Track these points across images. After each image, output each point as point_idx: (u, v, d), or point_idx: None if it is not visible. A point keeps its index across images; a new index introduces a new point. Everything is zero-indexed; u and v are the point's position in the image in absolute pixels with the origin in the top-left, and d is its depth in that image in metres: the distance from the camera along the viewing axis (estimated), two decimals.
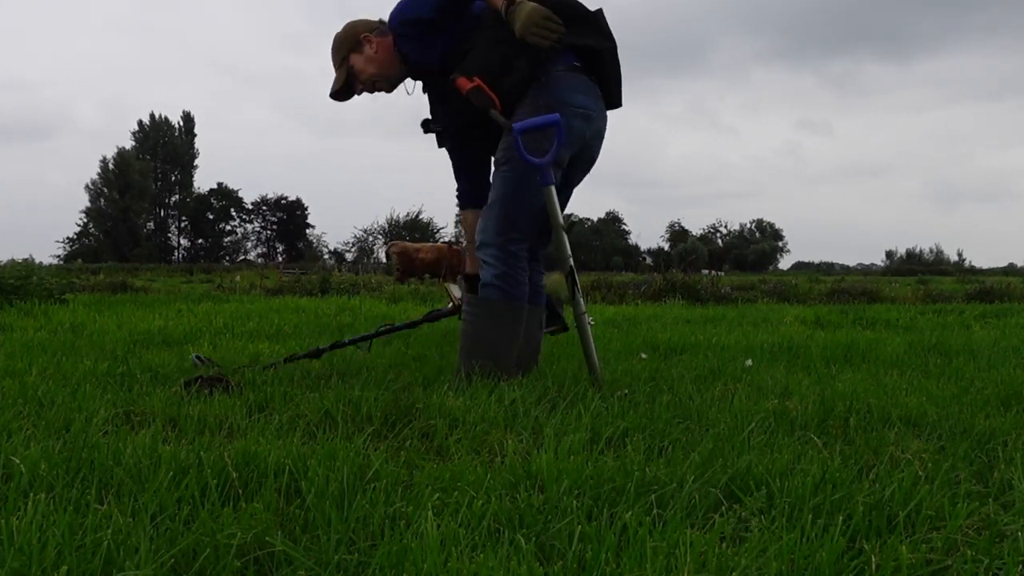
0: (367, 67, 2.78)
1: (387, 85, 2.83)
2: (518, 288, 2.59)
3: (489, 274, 2.58)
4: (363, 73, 2.79)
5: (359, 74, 2.79)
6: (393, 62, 2.77)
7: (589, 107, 2.64)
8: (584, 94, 2.63)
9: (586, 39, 2.63)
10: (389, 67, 2.78)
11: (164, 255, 72.23)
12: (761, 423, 1.92)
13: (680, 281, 9.07)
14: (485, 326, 2.57)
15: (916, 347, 3.75)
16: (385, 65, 2.78)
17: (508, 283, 2.57)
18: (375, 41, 2.77)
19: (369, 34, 2.78)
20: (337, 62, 2.81)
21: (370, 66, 2.77)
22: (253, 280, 12.41)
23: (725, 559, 1.10)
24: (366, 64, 2.78)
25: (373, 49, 2.77)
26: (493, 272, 2.57)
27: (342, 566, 1.10)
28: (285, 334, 4.17)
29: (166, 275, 24.85)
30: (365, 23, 2.82)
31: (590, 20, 2.68)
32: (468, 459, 1.61)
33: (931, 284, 15.21)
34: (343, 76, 2.80)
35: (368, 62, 2.77)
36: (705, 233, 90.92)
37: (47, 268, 15.61)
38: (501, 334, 2.56)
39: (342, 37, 2.81)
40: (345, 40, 2.80)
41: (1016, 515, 1.30)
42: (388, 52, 2.77)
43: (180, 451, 1.55)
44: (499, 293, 2.56)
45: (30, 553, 1.05)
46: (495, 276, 2.57)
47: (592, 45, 2.64)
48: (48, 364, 2.74)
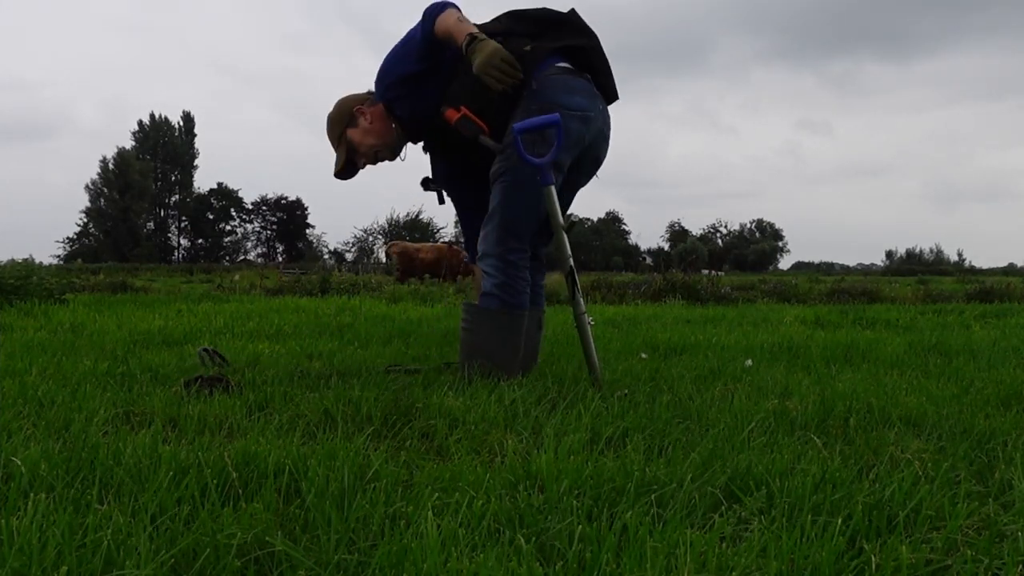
0: (366, 139, 2.77)
1: (389, 153, 2.82)
2: (518, 297, 2.59)
3: (489, 284, 2.59)
4: (362, 146, 2.77)
5: (358, 147, 2.78)
6: (390, 128, 2.76)
7: (586, 108, 2.62)
8: (580, 95, 2.61)
9: (565, 39, 2.63)
10: (387, 134, 2.77)
11: (164, 255, 72.26)
12: (761, 423, 1.92)
13: (680, 281, 9.07)
14: (486, 335, 2.57)
15: (916, 347, 3.75)
16: (383, 133, 2.76)
17: (508, 292, 2.57)
18: (368, 112, 2.76)
19: (361, 106, 2.77)
20: (335, 141, 2.80)
21: (368, 137, 2.76)
22: (253, 280, 12.41)
23: (725, 559, 1.10)
24: (364, 136, 2.76)
25: (368, 120, 2.76)
26: (493, 282, 2.58)
27: (342, 566, 1.10)
28: (285, 334, 4.17)
29: (166, 275, 24.87)
30: (355, 97, 2.81)
31: (566, 22, 2.68)
32: (468, 459, 1.61)
33: (931, 284, 15.20)
34: (344, 153, 2.79)
35: (366, 134, 2.76)
36: (705, 233, 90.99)
37: (47, 268, 15.62)
38: (502, 343, 2.56)
39: (335, 115, 2.80)
40: (339, 117, 2.79)
41: (1016, 515, 1.30)
42: (383, 120, 2.76)
43: (180, 451, 1.55)
44: (499, 303, 2.57)
45: (30, 553, 1.05)
46: (495, 286, 2.58)
47: (574, 43, 2.63)
48: (48, 364, 2.74)
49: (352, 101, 2.79)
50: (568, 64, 2.64)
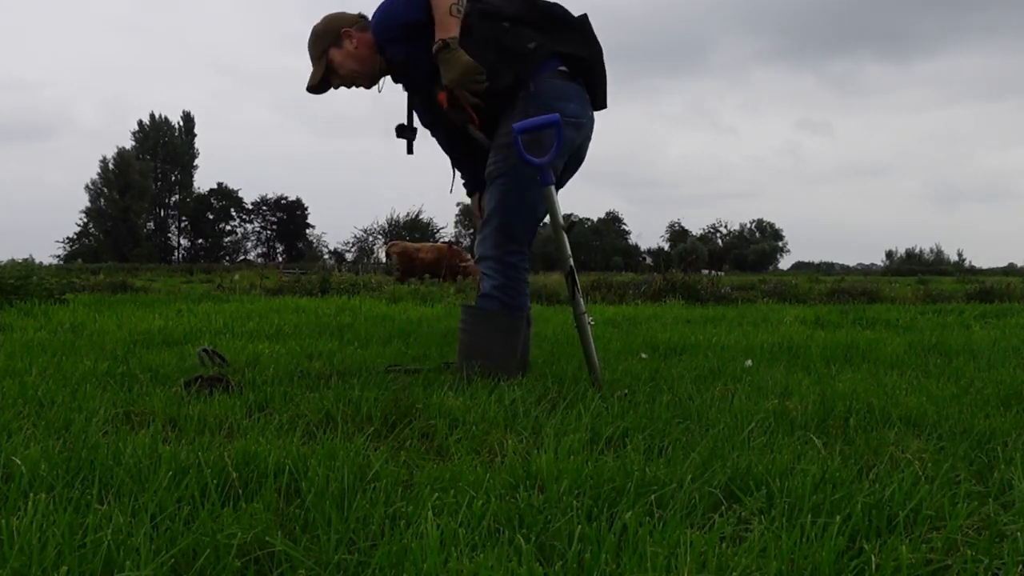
0: (347, 63, 2.73)
1: (367, 82, 2.78)
2: (517, 299, 2.59)
3: (488, 285, 2.59)
4: (342, 68, 2.74)
5: (338, 69, 2.75)
6: (374, 58, 2.72)
7: (579, 115, 2.64)
8: (574, 101, 2.63)
9: (571, 46, 2.62)
10: (370, 63, 2.73)
11: (164, 255, 72.26)
12: (761, 423, 1.92)
13: (680, 281, 9.07)
14: (484, 336, 2.57)
15: (916, 347, 3.75)
16: (366, 62, 2.73)
17: (507, 294, 2.58)
18: (356, 36, 2.72)
19: (350, 29, 2.73)
20: (316, 55, 2.75)
21: (350, 62, 2.73)
22: (253, 280, 12.41)
23: (725, 559, 1.10)
24: (345, 59, 2.73)
25: (353, 45, 2.72)
26: (492, 283, 2.58)
27: (342, 566, 1.10)
28: (285, 334, 4.17)
29: (166, 275, 24.86)
30: (345, 17, 2.77)
31: (575, 26, 2.68)
32: (468, 459, 1.61)
33: (931, 284, 15.19)
34: (321, 70, 2.75)
35: (348, 58, 2.73)
36: (705, 233, 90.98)
37: (47, 268, 15.62)
38: (502, 344, 2.56)
39: (321, 30, 2.75)
40: (325, 34, 2.75)
41: (1016, 515, 1.30)
42: (369, 48, 2.72)
43: (180, 451, 1.55)
44: (498, 304, 2.57)
45: (30, 553, 1.05)
46: (494, 287, 2.58)
47: (577, 53, 2.62)
48: (48, 364, 2.74)
49: (341, 21, 2.75)
50: (566, 68, 2.64)
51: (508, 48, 2.54)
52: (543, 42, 2.57)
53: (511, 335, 2.58)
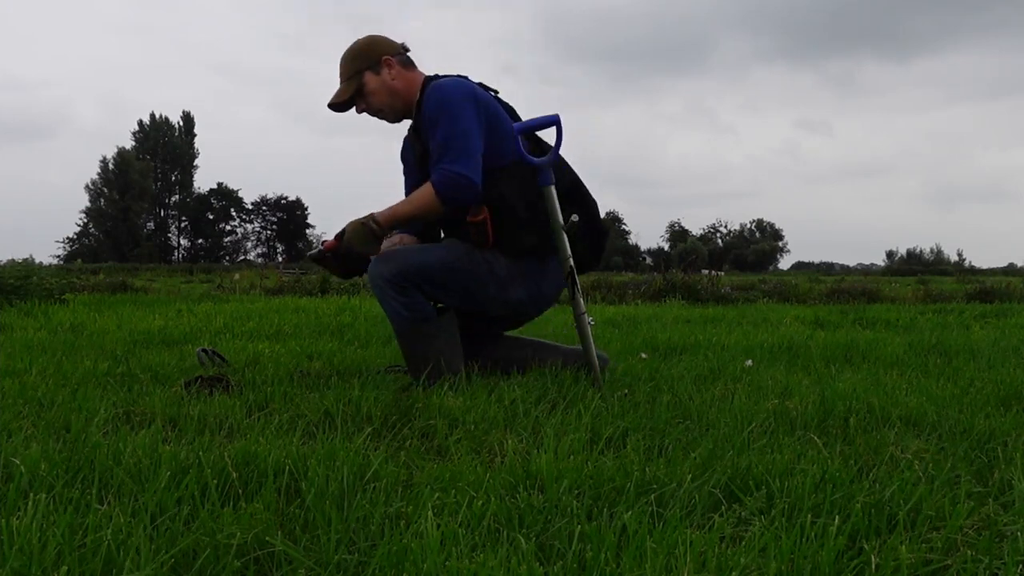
0: (380, 92, 2.64)
1: (392, 116, 2.72)
2: (423, 309, 2.54)
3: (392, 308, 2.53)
4: (373, 96, 2.65)
5: (368, 95, 2.64)
6: (407, 96, 2.67)
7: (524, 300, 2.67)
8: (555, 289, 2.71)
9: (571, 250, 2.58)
10: (400, 99, 2.67)
11: (164, 255, 72.26)
12: (761, 423, 1.92)
13: (680, 281, 9.07)
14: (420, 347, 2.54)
15: (916, 347, 3.75)
16: (399, 96, 2.66)
17: (411, 310, 2.52)
18: (396, 68, 2.65)
19: (392, 58, 2.65)
20: (348, 73, 2.65)
21: (383, 92, 2.64)
22: (253, 280, 12.40)
23: (725, 559, 1.10)
24: (379, 88, 2.63)
25: (391, 76, 2.64)
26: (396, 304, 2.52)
27: (342, 566, 1.10)
28: (285, 334, 4.17)
29: (166, 275, 24.88)
30: (390, 43, 2.68)
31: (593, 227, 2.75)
32: (468, 459, 1.61)
33: (931, 284, 15.18)
34: (352, 90, 2.64)
35: (382, 87, 2.63)
36: (705, 233, 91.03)
37: (47, 268, 15.61)
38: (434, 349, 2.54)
39: (363, 51, 2.65)
40: (365, 55, 2.64)
41: (1016, 515, 1.30)
42: (406, 83, 2.66)
43: (180, 451, 1.55)
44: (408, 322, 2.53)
45: (30, 553, 1.05)
46: (402, 306, 2.52)
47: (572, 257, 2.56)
48: (48, 364, 2.74)
49: (385, 47, 2.66)
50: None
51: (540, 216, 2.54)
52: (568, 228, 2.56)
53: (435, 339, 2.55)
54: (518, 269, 2.59)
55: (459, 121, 2.47)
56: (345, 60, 2.68)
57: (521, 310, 2.68)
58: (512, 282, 2.59)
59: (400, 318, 2.53)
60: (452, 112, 2.48)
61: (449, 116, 2.48)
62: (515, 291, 2.60)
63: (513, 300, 2.61)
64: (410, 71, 2.69)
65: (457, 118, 2.47)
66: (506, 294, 2.59)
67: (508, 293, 2.59)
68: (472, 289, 2.55)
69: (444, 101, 2.51)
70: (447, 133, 2.46)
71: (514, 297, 2.61)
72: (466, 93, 2.53)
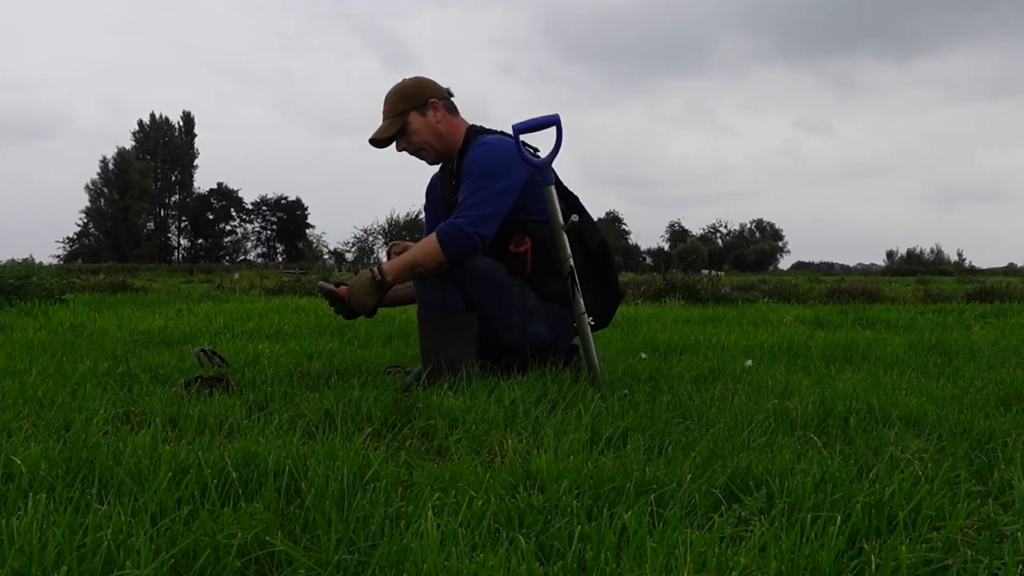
0: (424, 132, 2.69)
1: (432, 157, 2.78)
2: (455, 302, 2.58)
3: (427, 291, 2.58)
4: (416, 136, 2.69)
5: (412, 135, 2.69)
6: (450, 140, 2.72)
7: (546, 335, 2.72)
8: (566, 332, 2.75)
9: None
10: (445, 142, 2.72)
11: (164, 255, 72.26)
12: (761, 423, 1.93)
13: (680, 281, 9.08)
14: (440, 337, 2.57)
15: (916, 347, 3.75)
16: (442, 139, 2.72)
17: (445, 296, 2.57)
18: (441, 112, 2.70)
19: (438, 101, 2.70)
20: (395, 111, 2.69)
21: (427, 132, 2.69)
22: (253, 280, 12.41)
23: (725, 559, 1.10)
24: (424, 129, 2.69)
25: (437, 119, 2.70)
26: (433, 289, 2.57)
27: (342, 566, 1.10)
28: (285, 334, 4.17)
29: (166, 275, 24.89)
30: (437, 87, 2.74)
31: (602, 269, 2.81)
32: (468, 459, 1.61)
33: (931, 284, 15.20)
34: (395, 128, 2.68)
35: (427, 128, 2.69)
36: (705, 233, 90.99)
37: (47, 268, 15.62)
38: (452, 345, 2.56)
39: (411, 91, 2.71)
40: (413, 95, 2.69)
41: (1016, 515, 1.30)
42: (450, 128, 2.72)
43: (180, 451, 1.55)
44: (439, 308, 2.57)
45: (30, 553, 1.05)
46: (438, 291, 2.57)
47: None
48: (48, 364, 2.74)
49: (433, 89, 2.72)
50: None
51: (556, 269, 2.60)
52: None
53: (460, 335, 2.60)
54: (546, 309, 2.67)
55: (499, 181, 2.55)
56: (392, 98, 2.72)
57: (536, 346, 2.71)
58: (539, 317, 2.67)
59: (432, 301, 2.56)
60: (496, 171, 2.56)
61: (492, 174, 2.56)
62: (538, 326, 2.67)
63: (533, 333, 2.67)
64: (455, 117, 2.75)
65: (498, 179, 2.55)
66: (530, 325, 2.66)
67: (531, 325, 2.66)
68: (503, 307, 2.61)
69: (492, 157, 2.59)
70: (481, 189, 2.54)
71: (535, 331, 2.67)
72: (508, 158, 2.59)
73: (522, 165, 2.58)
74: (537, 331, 2.67)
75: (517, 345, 2.69)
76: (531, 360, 2.74)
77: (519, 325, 2.64)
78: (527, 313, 2.64)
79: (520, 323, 2.64)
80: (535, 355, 2.71)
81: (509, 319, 2.62)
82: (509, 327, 2.64)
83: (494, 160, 2.58)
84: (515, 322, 2.63)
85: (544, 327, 2.68)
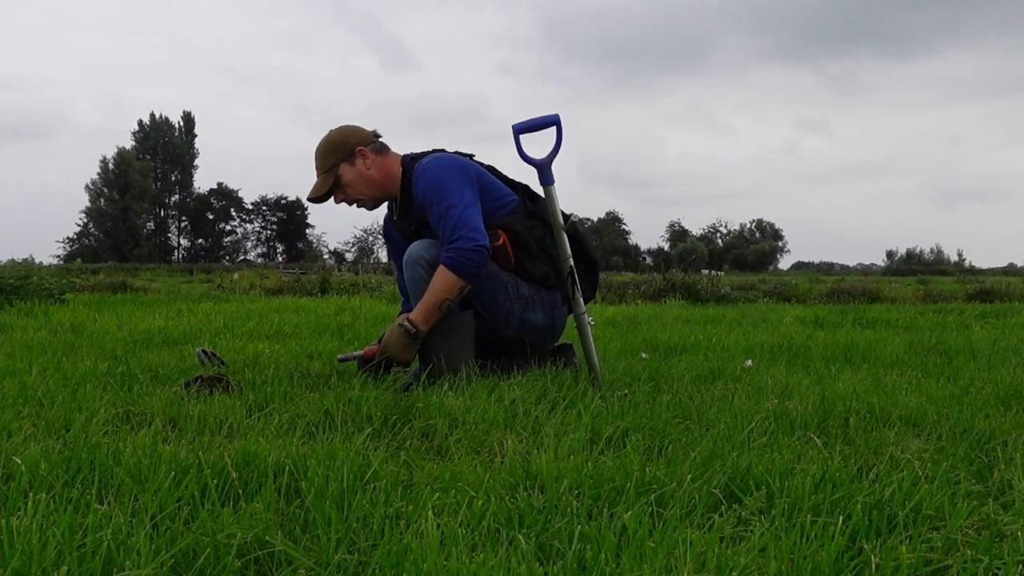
0: (357, 182, 2.69)
1: (371, 203, 2.78)
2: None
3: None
4: (351, 187, 2.70)
5: (346, 186, 2.70)
6: (384, 183, 2.71)
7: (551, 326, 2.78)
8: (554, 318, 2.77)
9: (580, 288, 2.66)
10: (378, 186, 2.72)
11: (164, 255, 72.25)
12: (761, 423, 1.92)
13: (680, 281, 9.08)
14: (438, 337, 2.57)
15: (916, 347, 3.75)
16: (375, 185, 2.71)
17: None
18: (371, 158, 2.69)
19: (365, 148, 2.69)
20: (325, 166, 2.69)
21: (360, 182, 2.69)
22: (253, 280, 12.41)
23: (725, 559, 1.10)
24: (356, 179, 2.68)
25: (367, 166, 2.69)
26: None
27: (342, 566, 1.10)
28: (285, 334, 4.17)
29: (166, 275, 24.91)
30: (362, 133, 2.73)
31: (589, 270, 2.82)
32: (468, 459, 1.61)
33: (931, 284, 15.21)
34: (329, 184, 2.68)
35: (359, 177, 2.69)
36: (705, 233, 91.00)
37: (47, 268, 15.61)
38: (449, 345, 2.57)
39: (337, 144, 2.69)
40: (340, 147, 2.68)
41: (1016, 515, 1.30)
42: (383, 170, 2.70)
43: (180, 451, 1.55)
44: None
45: (30, 553, 1.05)
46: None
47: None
48: (48, 364, 2.74)
49: (358, 137, 2.71)
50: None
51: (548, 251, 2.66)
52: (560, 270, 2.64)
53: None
54: (539, 296, 2.69)
55: (458, 193, 2.55)
56: (320, 154, 2.71)
57: (534, 335, 2.74)
58: (533, 305, 2.69)
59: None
60: (447, 192, 2.55)
61: (448, 191, 2.55)
62: (534, 314, 2.70)
63: (530, 321, 2.69)
64: (385, 157, 2.73)
65: (452, 195, 2.55)
66: (527, 313, 2.68)
67: (528, 313, 2.68)
68: (500, 300, 2.63)
69: (436, 183, 2.58)
70: (451, 208, 2.53)
71: (532, 319, 2.69)
72: (453, 170, 2.60)
73: (465, 165, 2.60)
74: (534, 319, 2.69)
75: (517, 336, 2.70)
76: (531, 360, 2.74)
77: (517, 316, 2.66)
78: (523, 302, 2.66)
79: (518, 313, 2.66)
80: (534, 351, 2.73)
81: (508, 311, 2.65)
82: (509, 319, 2.66)
83: (441, 179, 2.58)
84: (514, 313, 2.65)
85: (540, 314, 2.70)
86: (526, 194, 2.79)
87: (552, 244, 2.63)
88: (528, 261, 2.67)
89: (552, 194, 2.50)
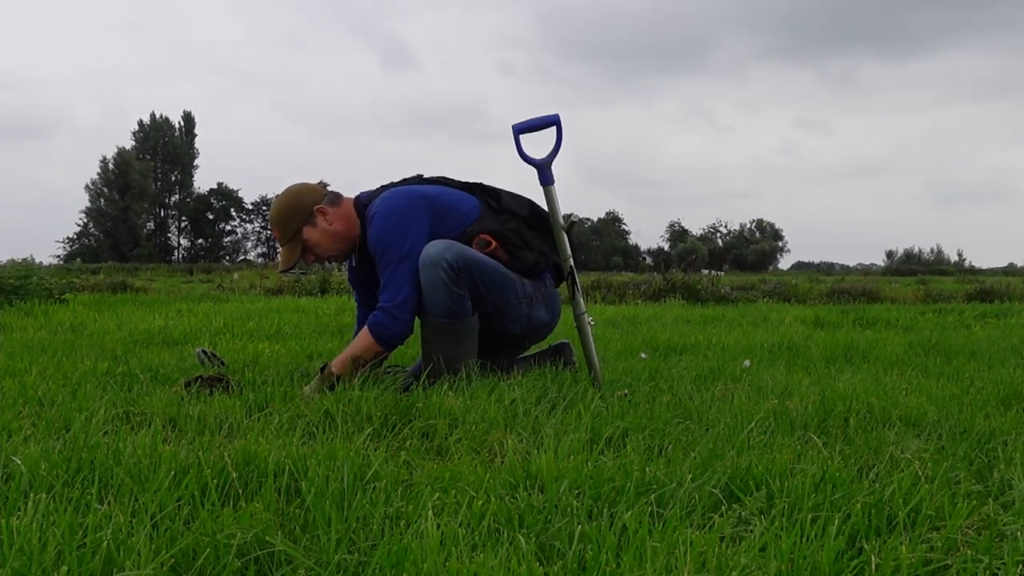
0: (324, 241, 2.64)
1: (341, 256, 2.74)
2: (465, 307, 2.57)
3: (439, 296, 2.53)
4: (319, 247, 2.65)
5: (314, 248, 2.65)
6: (348, 233, 2.66)
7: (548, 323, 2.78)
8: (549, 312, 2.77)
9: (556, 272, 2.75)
10: (346, 238, 2.67)
11: (164, 255, 72.22)
12: (761, 423, 1.93)
13: (680, 281, 9.08)
14: (447, 343, 2.56)
15: (916, 347, 3.75)
16: (341, 237, 2.66)
17: (456, 303, 2.53)
18: (329, 212, 2.63)
19: (322, 205, 2.63)
20: (287, 236, 2.63)
21: (327, 240, 2.64)
22: (253, 280, 12.41)
23: (725, 559, 1.10)
24: (322, 238, 2.63)
25: (328, 222, 2.63)
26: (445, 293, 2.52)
27: (342, 566, 1.10)
28: (285, 334, 4.17)
29: (166, 275, 24.89)
30: (313, 191, 2.67)
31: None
32: (468, 459, 1.61)
33: (931, 284, 15.20)
34: (297, 251, 2.64)
35: (324, 236, 2.63)
36: (705, 233, 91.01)
37: (47, 268, 15.60)
38: (457, 350, 2.56)
39: (293, 209, 2.62)
40: (297, 213, 2.62)
41: (1016, 515, 1.31)
42: (344, 221, 2.65)
43: (180, 451, 1.55)
44: (448, 315, 2.53)
45: (30, 553, 1.05)
46: (448, 297, 2.52)
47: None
48: (48, 364, 2.74)
49: (311, 197, 2.64)
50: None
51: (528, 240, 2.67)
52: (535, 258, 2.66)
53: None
54: (540, 292, 2.70)
55: (397, 246, 2.51)
56: (279, 224, 2.66)
57: (540, 331, 2.76)
58: (538, 302, 2.70)
59: (441, 310, 2.51)
60: (393, 237, 2.52)
61: (389, 242, 2.53)
62: (539, 311, 2.70)
63: (536, 319, 2.70)
64: (341, 207, 2.68)
65: (396, 244, 2.51)
66: (532, 311, 2.68)
67: (534, 311, 2.69)
68: (509, 300, 2.62)
69: (384, 226, 2.54)
70: (388, 265, 2.53)
71: (537, 316, 2.70)
72: (398, 215, 2.55)
73: (413, 202, 2.56)
74: (539, 316, 2.70)
75: (523, 335, 2.71)
76: (530, 361, 2.75)
77: (525, 315, 2.67)
78: (529, 301, 2.67)
79: (526, 312, 2.66)
80: (532, 343, 2.74)
81: (517, 310, 2.64)
82: (517, 318, 2.66)
83: (387, 227, 2.53)
84: (521, 312, 2.66)
85: (543, 310, 2.71)
86: (484, 192, 2.74)
87: (528, 232, 2.65)
88: (517, 252, 2.65)
89: (552, 194, 2.50)
